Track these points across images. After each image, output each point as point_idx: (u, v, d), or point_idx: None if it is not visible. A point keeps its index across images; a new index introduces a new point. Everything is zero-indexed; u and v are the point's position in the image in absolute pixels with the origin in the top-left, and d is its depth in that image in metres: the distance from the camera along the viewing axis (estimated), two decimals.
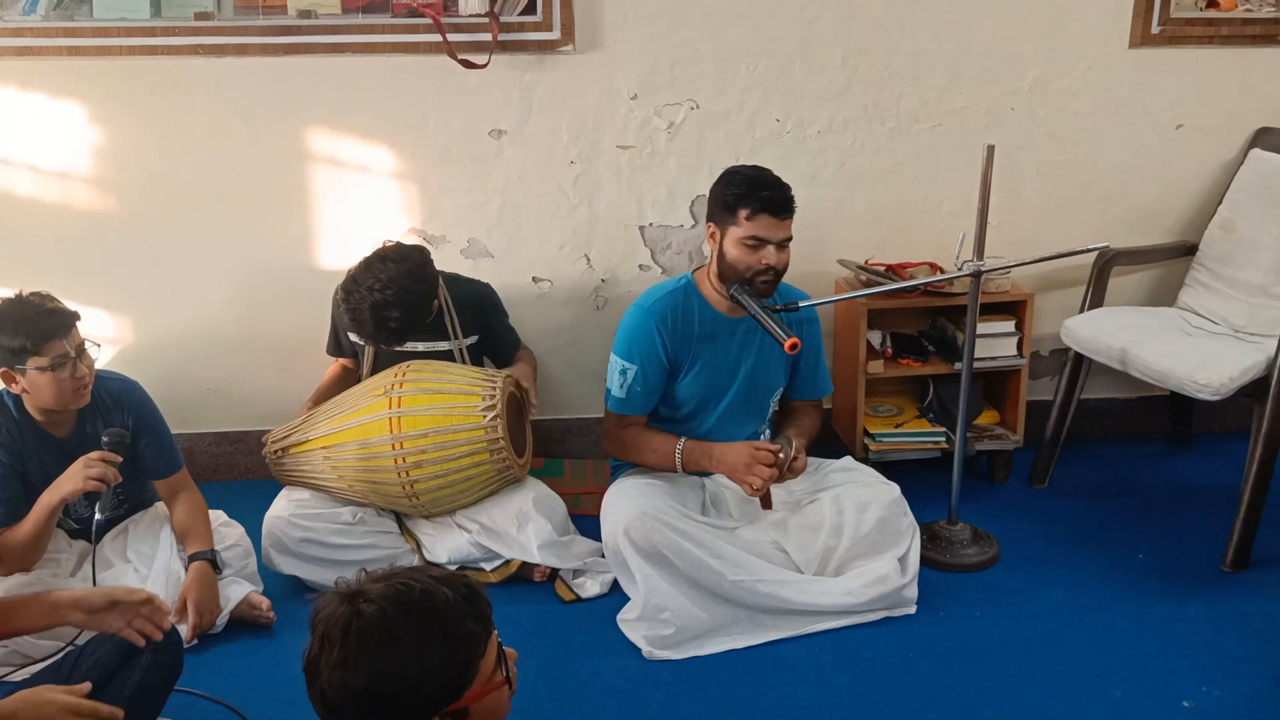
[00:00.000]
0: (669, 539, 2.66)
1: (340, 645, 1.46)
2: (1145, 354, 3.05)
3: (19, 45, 3.12)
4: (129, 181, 3.28)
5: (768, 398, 2.97)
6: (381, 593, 1.50)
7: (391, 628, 1.46)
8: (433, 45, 3.17)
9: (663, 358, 2.84)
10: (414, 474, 2.84)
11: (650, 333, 2.83)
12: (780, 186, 2.75)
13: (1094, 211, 3.51)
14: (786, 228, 2.74)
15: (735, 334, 2.87)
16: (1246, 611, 2.76)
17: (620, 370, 2.86)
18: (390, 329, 2.91)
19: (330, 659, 1.46)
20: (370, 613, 1.47)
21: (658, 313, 2.83)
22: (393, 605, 1.48)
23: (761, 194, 2.72)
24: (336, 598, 1.51)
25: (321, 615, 1.51)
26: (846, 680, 2.54)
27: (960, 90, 3.37)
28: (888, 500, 2.80)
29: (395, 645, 1.46)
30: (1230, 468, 3.19)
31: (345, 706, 1.47)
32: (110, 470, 2.51)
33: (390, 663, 1.45)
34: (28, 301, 2.54)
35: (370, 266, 2.90)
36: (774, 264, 2.73)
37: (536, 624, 2.76)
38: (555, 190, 3.38)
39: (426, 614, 1.49)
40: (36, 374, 2.51)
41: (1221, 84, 3.43)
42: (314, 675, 1.49)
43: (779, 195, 2.73)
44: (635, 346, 2.84)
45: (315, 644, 1.49)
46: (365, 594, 1.50)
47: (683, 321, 2.85)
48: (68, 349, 2.53)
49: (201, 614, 2.63)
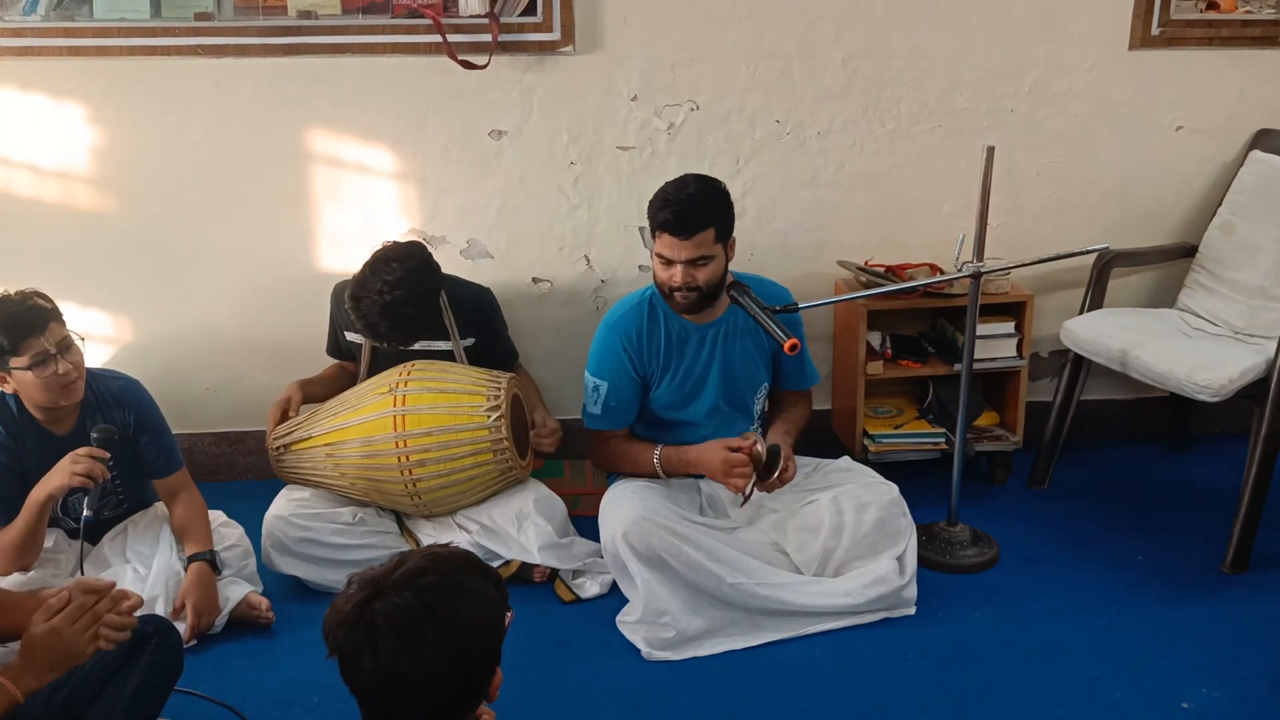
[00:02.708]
0: (667, 542, 2.66)
1: (396, 633, 1.48)
2: (1145, 355, 3.05)
3: (19, 45, 3.12)
4: (129, 182, 3.29)
5: (751, 396, 2.97)
6: (419, 566, 1.55)
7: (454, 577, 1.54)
8: (433, 46, 3.17)
9: (632, 372, 2.85)
10: (417, 472, 2.84)
11: (616, 349, 2.84)
12: (686, 206, 2.67)
13: (1094, 213, 3.52)
14: (692, 248, 2.67)
15: (705, 339, 2.87)
16: (1246, 613, 2.76)
17: (593, 387, 2.89)
18: (406, 327, 2.92)
19: (398, 645, 1.48)
20: (427, 583, 1.52)
21: (622, 329, 2.85)
22: (445, 565, 1.56)
23: (661, 214, 2.69)
24: (363, 592, 1.53)
25: (364, 612, 1.51)
26: (846, 681, 2.54)
27: (960, 92, 3.37)
28: (887, 500, 2.80)
29: (459, 628, 1.51)
30: (1230, 469, 3.19)
31: (418, 690, 1.50)
32: (97, 466, 2.50)
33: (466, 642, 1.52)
34: (7, 300, 2.52)
35: (375, 269, 2.90)
36: (682, 283, 2.71)
37: (536, 624, 2.76)
38: (555, 191, 3.38)
39: (471, 568, 1.59)
40: (20, 374, 2.51)
41: (1221, 86, 3.43)
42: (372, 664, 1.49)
43: (678, 217, 2.66)
44: (604, 364, 2.86)
45: (359, 634, 1.50)
46: (396, 583, 1.53)
47: (648, 333, 2.85)
48: (46, 346, 2.50)
49: (200, 614, 2.63)
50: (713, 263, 2.72)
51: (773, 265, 3.38)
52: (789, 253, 3.46)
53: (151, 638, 2.13)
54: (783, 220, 3.44)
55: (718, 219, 2.72)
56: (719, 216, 2.72)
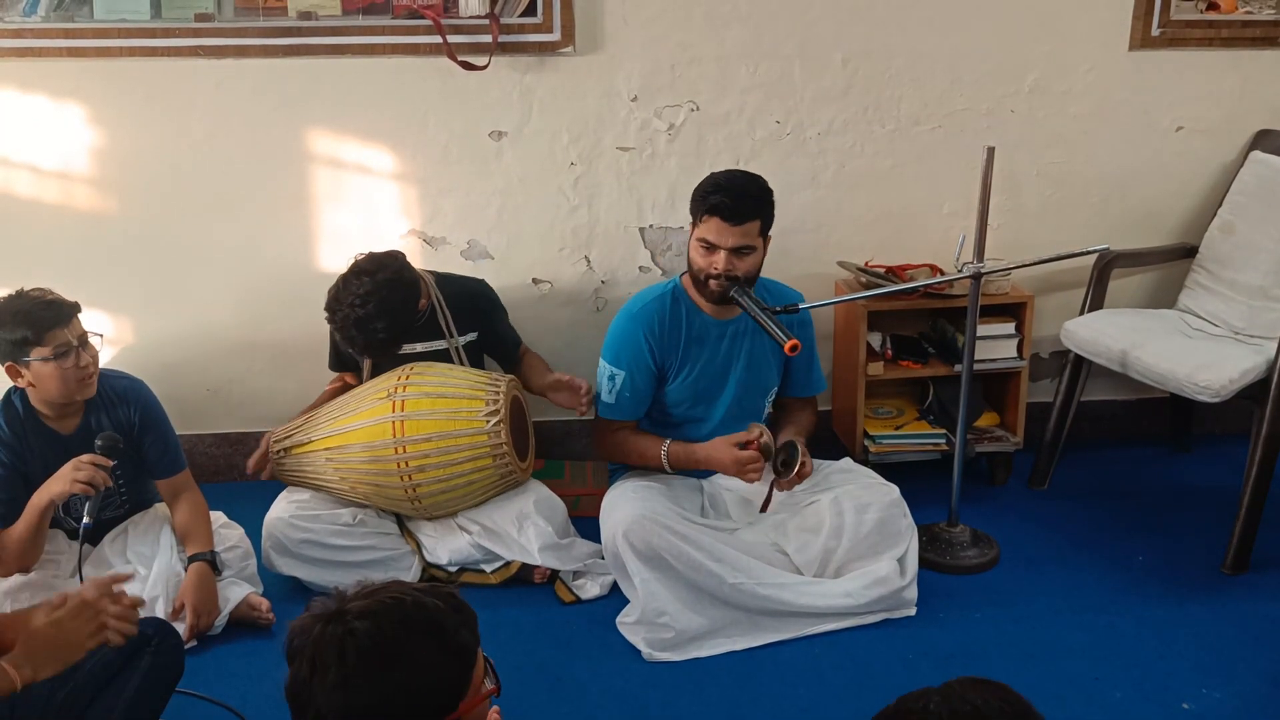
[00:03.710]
0: (668, 542, 2.66)
1: (337, 666, 1.40)
2: (1145, 356, 3.06)
3: (19, 46, 3.12)
4: (129, 183, 3.29)
5: (762, 399, 2.97)
6: (370, 609, 1.44)
7: (391, 643, 1.42)
8: (433, 47, 3.17)
9: (650, 363, 2.85)
10: (417, 478, 2.84)
11: (637, 339, 2.84)
12: (739, 194, 2.71)
13: (1094, 213, 3.52)
14: (739, 235, 2.71)
15: (725, 336, 2.88)
16: (1246, 614, 2.76)
17: (609, 376, 2.88)
18: (379, 340, 2.91)
19: (327, 681, 1.40)
20: (364, 630, 1.42)
21: (644, 319, 2.84)
22: (387, 621, 1.43)
23: (713, 197, 2.71)
24: (316, 621, 1.45)
25: (303, 640, 1.44)
26: (846, 682, 2.54)
27: (960, 92, 3.37)
28: (887, 501, 2.80)
29: (397, 661, 1.42)
30: (1230, 470, 3.19)
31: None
32: (100, 474, 2.51)
33: (393, 679, 1.41)
34: (27, 295, 2.58)
35: (348, 283, 2.89)
36: (723, 270, 2.72)
37: (536, 625, 2.76)
38: (555, 192, 3.38)
39: (423, 627, 1.45)
40: (40, 365, 2.53)
41: (1222, 86, 3.43)
42: (305, 701, 1.43)
43: (732, 201, 2.69)
44: (623, 353, 2.86)
45: (304, 669, 1.43)
46: (350, 612, 1.44)
47: (670, 326, 2.85)
48: (69, 338, 2.55)
49: (199, 615, 2.63)
50: (754, 254, 2.76)
51: (773, 266, 3.34)
52: (789, 253, 3.45)
53: (152, 639, 2.14)
54: (783, 221, 3.40)
55: (765, 211, 2.77)
56: (766, 209, 2.78)
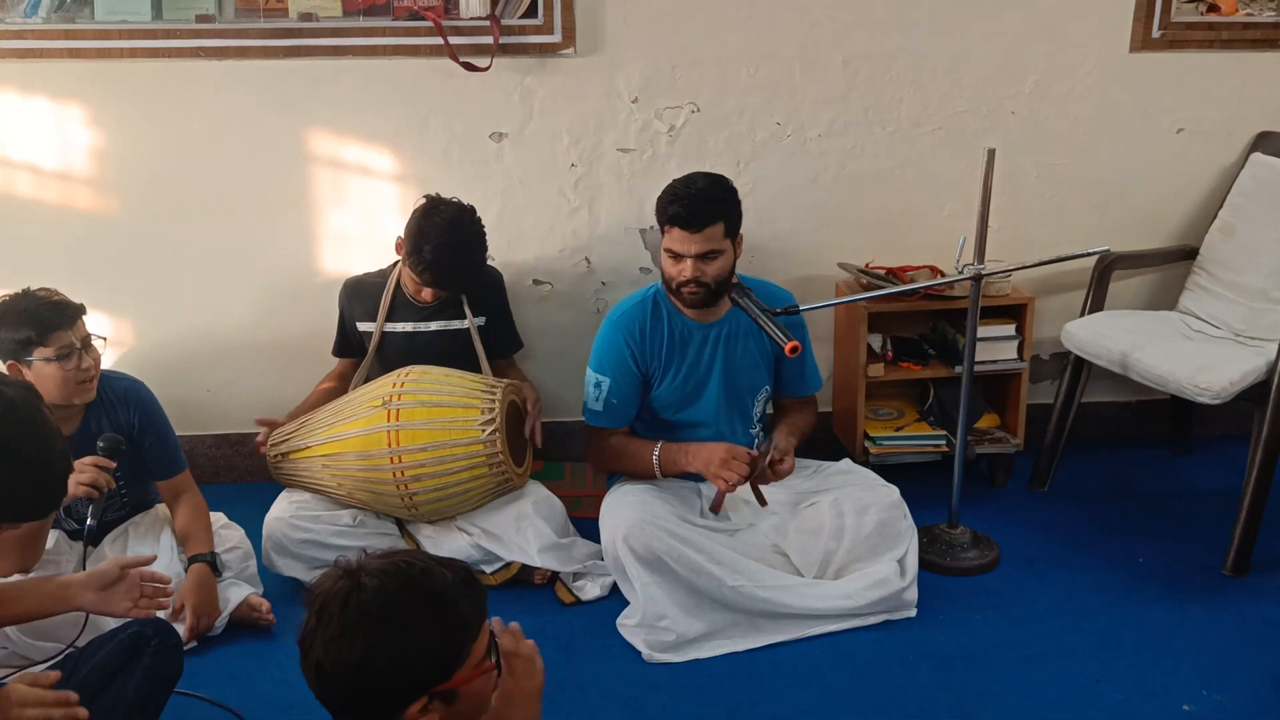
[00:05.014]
0: (668, 545, 2.66)
1: (338, 617, 1.48)
2: (1146, 358, 3.05)
3: (20, 47, 3.12)
4: (130, 184, 3.29)
5: (750, 399, 2.97)
6: (382, 568, 1.52)
7: (389, 603, 1.49)
8: (434, 48, 3.17)
9: (634, 369, 2.86)
10: (413, 486, 2.83)
11: (619, 345, 2.85)
12: (694, 200, 2.70)
13: (1094, 215, 3.51)
14: (702, 241, 2.69)
15: (707, 339, 2.88)
16: (1247, 616, 2.76)
17: (595, 384, 2.89)
18: (471, 263, 2.98)
19: (327, 631, 1.48)
20: (371, 586, 1.49)
21: (625, 325, 2.85)
22: (392, 582, 1.51)
23: (671, 208, 2.71)
24: (336, 573, 1.54)
25: (320, 589, 1.52)
26: (846, 683, 2.53)
27: (961, 94, 3.37)
28: (887, 503, 2.80)
29: (391, 621, 1.48)
30: (1230, 472, 3.19)
31: (338, 679, 1.49)
32: (102, 476, 2.51)
33: (385, 638, 1.47)
34: (33, 295, 2.59)
35: (428, 216, 2.94)
36: (691, 277, 2.72)
37: (536, 627, 2.73)
38: (556, 193, 3.38)
39: (424, 593, 1.51)
40: (42, 365, 2.53)
41: (1222, 88, 3.43)
42: (309, 647, 1.51)
43: (688, 210, 2.68)
44: (606, 360, 2.87)
45: (312, 617, 1.51)
46: (366, 569, 1.52)
47: (652, 330, 2.86)
48: (73, 340, 2.56)
49: (199, 615, 2.63)
50: (721, 257, 2.74)
51: (773, 267, 3.39)
52: (790, 255, 3.46)
53: (152, 640, 2.14)
54: (783, 222, 3.44)
55: (727, 214, 2.74)
56: (728, 211, 2.75)
